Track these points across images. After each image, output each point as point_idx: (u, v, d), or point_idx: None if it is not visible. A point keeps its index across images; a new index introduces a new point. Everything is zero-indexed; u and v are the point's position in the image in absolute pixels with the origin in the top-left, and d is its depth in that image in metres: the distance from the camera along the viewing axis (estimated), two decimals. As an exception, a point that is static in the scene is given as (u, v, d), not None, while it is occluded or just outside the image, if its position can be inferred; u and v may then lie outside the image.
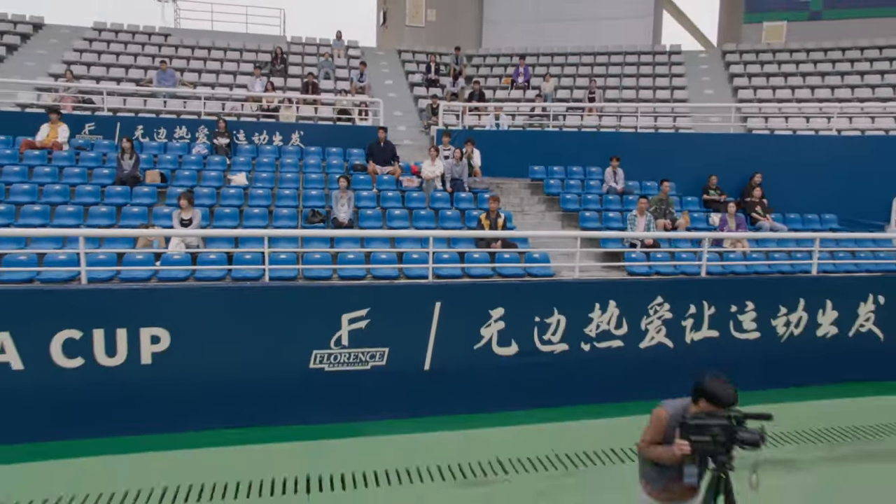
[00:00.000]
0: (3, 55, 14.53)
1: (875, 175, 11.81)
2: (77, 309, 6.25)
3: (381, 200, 9.82)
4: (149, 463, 5.53)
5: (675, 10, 23.53)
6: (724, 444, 3.15)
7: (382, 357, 6.93)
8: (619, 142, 12.49)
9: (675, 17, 23.70)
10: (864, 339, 8.69)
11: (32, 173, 9.47)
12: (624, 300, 7.60)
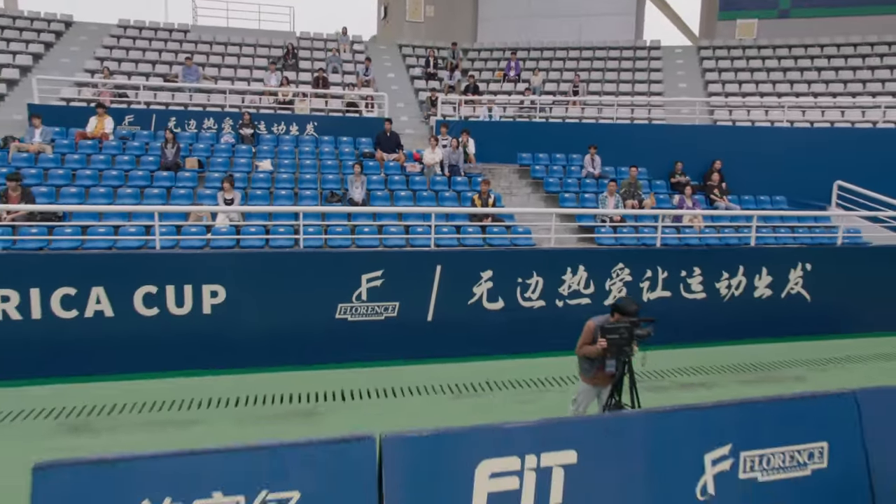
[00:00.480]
0: (41, 52, 16.00)
1: (821, 162, 13.50)
2: (153, 270, 7.89)
3: (389, 183, 11.47)
4: (212, 383, 7.26)
5: (662, 3, 25.03)
6: (627, 340, 4.87)
7: (394, 310, 8.62)
8: (597, 132, 14.15)
9: (661, 9, 25.21)
10: (794, 300, 10.41)
11: (90, 160, 11.07)
12: (591, 265, 9.29)
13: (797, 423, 4.74)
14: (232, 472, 3.60)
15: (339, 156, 12.63)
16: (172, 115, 13.49)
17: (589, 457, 4.17)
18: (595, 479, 4.18)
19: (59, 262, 7.64)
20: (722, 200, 12.58)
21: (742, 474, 4.54)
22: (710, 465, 4.45)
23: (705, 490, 4.43)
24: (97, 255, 7.90)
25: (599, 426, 4.36)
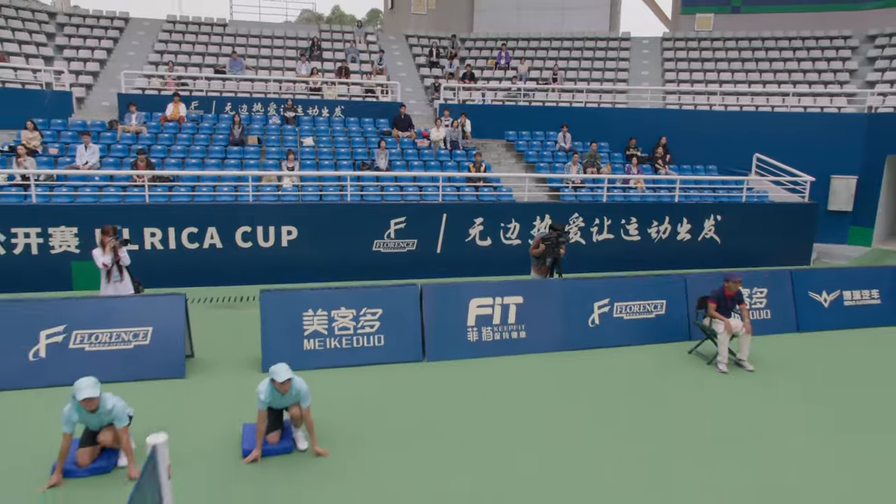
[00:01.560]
0: (111, 47, 19.34)
1: (747, 139, 17.05)
2: (247, 215, 11.51)
3: (405, 155, 15.04)
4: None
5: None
6: (557, 243, 8.57)
7: (414, 245, 12.27)
8: (569, 113, 17.71)
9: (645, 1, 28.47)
10: (708, 243, 14.09)
11: (176, 138, 14.61)
12: (554, 215, 12.92)
13: (648, 292, 8.48)
14: (349, 297, 7.35)
15: (364, 133, 16.17)
16: (227, 101, 16.95)
17: (530, 299, 7.92)
18: (532, 311, 7.94)
19: (185, 210, 11.28)
20: (664, 168, 16.19)
21: (614, 315, 8.30)
22: (596, 309, 8.20)
23: (594, 321, 8.19)
24: (209, 205, 11.53)
25: (536, 284, 8.10)
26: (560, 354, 7.91)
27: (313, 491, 4.81)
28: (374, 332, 7.48)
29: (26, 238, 10.64)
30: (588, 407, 6.44)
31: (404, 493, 4.81)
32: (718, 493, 4.91)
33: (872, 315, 9.48)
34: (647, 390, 6.92)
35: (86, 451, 4.94)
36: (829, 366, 7.84)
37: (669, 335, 8.53)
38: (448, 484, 4.96)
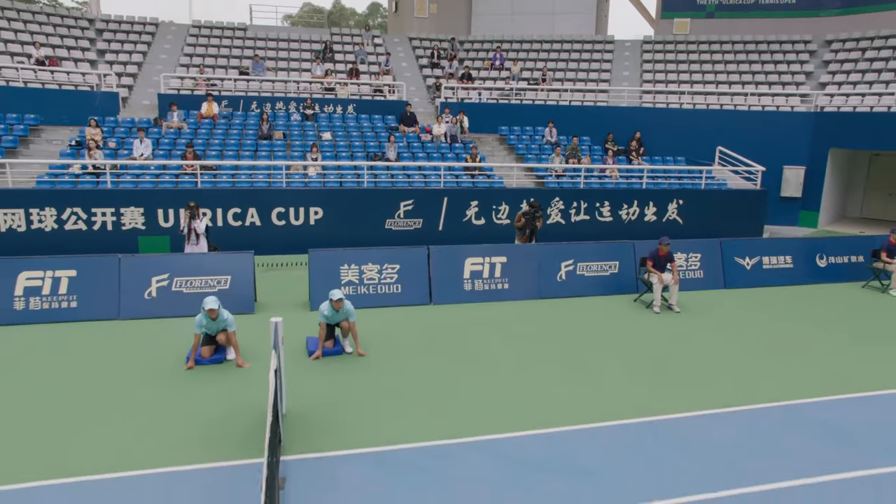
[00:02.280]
0: (145, 51, 21.70)
1: (711, 133, 19.47)
2: (281, 198, 13.95)
3: (410, 148, 17.48)
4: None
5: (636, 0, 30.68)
6: (534, 217, 11.05)
7: (420, 223, 14.72)
8: (556, 111, 20.14)
9: (634, 4, 30.84)
10: (672, 223, 16.54)
11: (213, 133, 17.03)
12: (538, 198, 15.34)
13: (605, 254, 10.97)
14: (375, 256, 9.84)
15: (374, 128, 18.59)
16: (253, 100, 19.34)
17: (511, 259, 10.42)
18: (513, 268, 10.44)
19: (229, 194, 13.72)
20: (637, 160, 18.64)
21: (577, 272, 10.80)
22: (563, 267, 10.71)
23: (561, 277, 10.69)
24: (249, 190, 13.97)
25: (517, 248, 10.61)
26: (534, 302, 10.41)
27: (357, 376, 7.30)
28: (394, 283, 9.97)
29: (103, 217, 13.09)
30: (553, 335, 8.93)
31: (417, 379, 7.29)
32: (649, 390, 7.41)
33: (786, 276, 11.99)
34: (599, 326, 9.41)
35: (207, 348, 7.43)
36: (740, 311, 10.34)
37: (620, 289, 11.03)
38: (447, 375, 7.44)
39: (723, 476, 5.32)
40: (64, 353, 7.71)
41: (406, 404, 6.53)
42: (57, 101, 17.58)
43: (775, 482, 5.27)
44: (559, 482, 5.15)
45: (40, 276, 8.76)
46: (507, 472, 5.27)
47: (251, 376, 7.13)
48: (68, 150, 15.33)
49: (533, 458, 5.50)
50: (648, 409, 6.56)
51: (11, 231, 12.61)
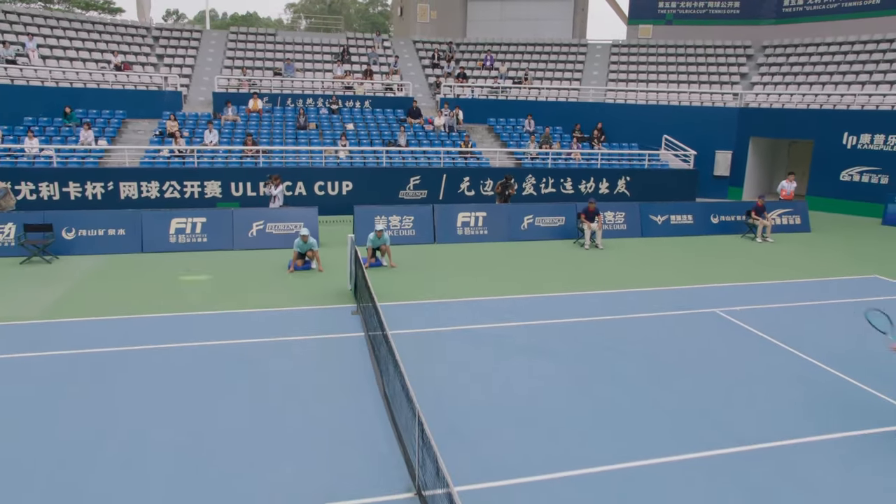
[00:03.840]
0: (195, 55, 26.51)
1: (660, 124, 24.40)
2: (321, 175, 18.90)
3: (417, 136, 22.42)
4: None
5: (615, 5, 35.46)
6: (507, 185, 16.08)
7: (425, 194, 19.71)
8: (535, 105, 25.06)
9: (615, 10, 35.64)
10: (621, 195, 21.53)
11: (260, 124, 21.95)
12: (516, 175, 20.33)
13: (555, 211, 16.01)
14: (397, 210, 14.90)
15: (387, 120, 23.50)
16: (287, 97, 24.24)
17: (490, 214, 15.50)
18: (491, 220, 15.51)
19: (282, 171, 18.67)
20: (598, 146, 23.59)
21: (535, 223, 15.86)
22: (525, 220, 15.77)
23: (524, 226, 15.75)
24: (296, 168, 18.91)
25: (495, 207, 15.67)
26: (505, 243, 15.44)
27: (393, 275, 12.30)
28: (410, 228, 14.99)
29: (192, 188, 18.05)
30: (517, 260, 13.95)
31: (429, 278, 12.32)
32: (571, 285, 12.47)
33: (688, 229, 17.03)
34: (549, 256, 14.42)
35: (300, 260, 12.46)
36: (644, 248, 15.35)
37: (565, 235, 16.07)
38: (447, 277, 12.47)
39: (610, 310, 10.38)
40: (203, 264, 12.74)
41: (422, 290, 11.57)
42: (135, 99, 22.47)
43: (624, 314, 10.34)
44: (512, 325, 10.21)
45: (184, 221, 13.80)
46: (487, 316, 10.32)
47: (325, 275, 12.15)
48: (156, 138, 20.25)
49: (499, 310, 10.55)
50: (570, 290, 11.61)
51: (128, 198, 17.59)
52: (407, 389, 5.61)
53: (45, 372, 7.58)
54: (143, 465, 5.65)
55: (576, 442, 6.27)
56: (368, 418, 6.68)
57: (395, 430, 6.39)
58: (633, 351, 8.73)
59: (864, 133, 20.99)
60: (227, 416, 6.60)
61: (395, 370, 6.39)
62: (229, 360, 8.04)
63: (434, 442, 4.61)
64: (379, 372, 7.72)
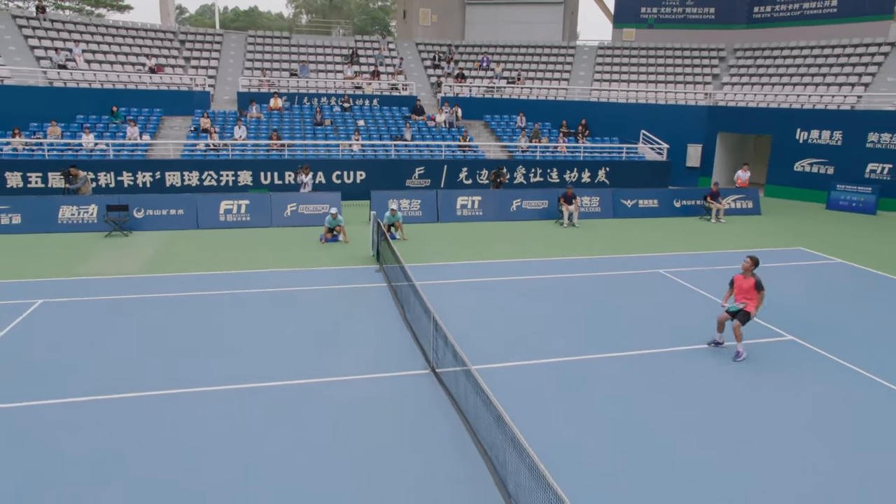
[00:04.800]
0: (218, 57, 29.43)
1: (638, 120, 27.45)
2: (338, 165, 21.96)
3: (420, 131, 25.46)
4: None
5: (605, 9, 38.45)
6: (499, 174, 19.14)
7: (429, 182, 22.76)
8: (526, 103, 28.10)
9: (605, 13, 38.59)
10: (601, 184, 24.60)
11: (281, 121, 24.98)
12: (508, 166, 23.39)
13: (540, 195, 19.09)
14: (407, 195, 17.99)
15: (394, 117, 26.52)
16: (304, 96, 27.24)
17: (484, 198, 18.63)
18: (486, 203, 18.63)
19: (309, 162, 21.72)
20: (582, 140, 26.64)
21: (523, 206, 18.96)
22: (514, 203, 18.86)
23: (513, 208, 18.84)
24: (317, 160, 21.95)
25: (489, 192, 18.78)
26: (497, 222, 18.52)
27: (403, 246, 15.36)
28: (417, 209, 18.07)
29: (227, 177, 21.08)
30: (505, 235, 17.03)
31: (435, 249, 15.40)
32: (544, 250, 15.58)
33: (654, 211, 20.12)
34: (533, 232, 17.50)
35: (330, 234, 15.54)
36: (612, 226, 18.42)
37: (548, 216, 19.15)
38: (449, 246, 15.56)
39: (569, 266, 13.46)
40: (249, 237, 15.81)
41: (431, 255, 14.64)
42: (170, 99, 25.45)
43: (570, 273, 13.43)
44: (503, 279, 13.30)
45: (232, 203, 16.88)
46: (484, 273, 13.41)
47: (350, 246, 15.22)
48: (192, 134, 23.27)
49: (493, 270, 13.64)
50: (548, 256, 14.70)
51: (172, 185, 20.63)
52: (423, 302, 8.69)
53: (157, 307, 10.67)
54: (240, 357, 8.77)
55: (544, 343, 9.39)
56: (394, 331, 9.79)
57: (415, 339, 9.49)
58: (595, 295, 11.84)
59: (814, 129, 24.06)
60: (294, 330, 9.71)
61: (414, 296, 9.48)
62: (287, 301, 11.14)
63: (445, 329, 7.70)
64: (400, 305, 10.82)
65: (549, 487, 4.50)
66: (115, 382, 7.81)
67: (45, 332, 9.39)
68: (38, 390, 7.52)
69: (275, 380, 7.98)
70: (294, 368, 8.31)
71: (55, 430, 6.64)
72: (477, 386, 6.33)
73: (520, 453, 5.15)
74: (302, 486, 5.78)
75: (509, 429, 5.33)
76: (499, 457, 5.89)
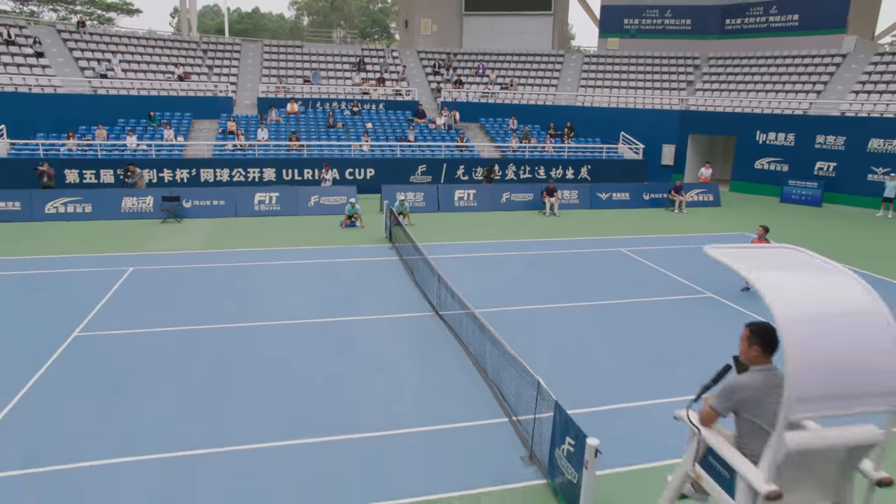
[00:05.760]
0: (238, 65, 32.66)
1: (618, 122, 30.71)
2: (352, 163, 25.19)
3: (423, 133, 28.71)
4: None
5: (587, 6, 41.70)
6: (491, 171, 22.41)
7: (430, 179, 26.01)
8: (518, 108, 31.38)
9: (594, 22, 41.82)
10: (583, 180, 27.86)
11: (299, 123, 28.22)
12: (500, 164, 26.64)
13: (526, 189, 22.37)
14: (412, 189, 21.28)
15: (399, 120, 29.76)
16: (317, 101, 30.48)
17: (478, 191, 21.94)
18: (479, 196, 21.92)
19: (320, 161, 24.97)
20: (567, 140, 29.90)
21: (512, 198, 22.26)
22: (504, 195, 22.16)
23: (503, 200, 22.13)
24: (332, 158, 25.20)
25: (483, 187, 22.05)
26: (489, 212, 21.79)
27: (412, 230, 18.65)
28: (421, 201, 21.33)
29: (253, 173, 24.31)
30: (495, 222, 20.29)
31: (438, 232, 18.67)
32: (529, 232, 18.87)
33: (625, 203, 23.40)
34: (519, 220, 20.75)
35: (349, 220, 18.80)
36: (588, 216, 21.67)
37: (533, 207, 22.41)
38: (448, 229, 18.82)
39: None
40: (281, 223, 19.06)
41: (435, 237, 17.89)
42: (197, 104, 28.69)
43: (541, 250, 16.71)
44: (495, 255, 16.57)
45: (265, 195, 20.14)
46: (479, 250, 16.67)
47: (366, 230, 18.45)
48: (220, 135, 26.50)
49: (486, 248, 16.91)
50: (532, 237, 17.97)
51: (206, 181, 23.86)
52: (429, 263, 11.93)
53: (220, 272, 13.92)
54: (290, 304, 12.04)
55: (522, 297, 12.66)
56: (406, 289, 13.06)
57: (423, 294, 12.73)
58: (565, 266, 15.12)
59: (772, 132, 27.36)
60: (327, 288, 12.98)
61: (423, 262, 12.73)
62: (319, 269, 14.39)
63: (447, 280, 10.95)
64: (410, 272, 14.06)
65: (514, 360, 7.72)
66: (206, 319, 11.06)
67: (144, 289, 12.63)
68: (158, 319, 10.78)
69: (317, 318, 11.22)
70: (330, 312, 11.55)
71: (170, 349, 9.90)
72: (470, 314, 9.59)
73: (493, 343, 8.38)
74: (344, 382, 9.02)
75: (487, 330, 8.58)
76: (479, 351, 9.15)
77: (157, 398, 8.09)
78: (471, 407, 8.08)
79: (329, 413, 7.83)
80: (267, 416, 7.70)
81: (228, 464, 6.71)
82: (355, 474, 6.57)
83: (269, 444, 7.10)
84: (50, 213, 18.90)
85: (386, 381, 8.78)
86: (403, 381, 8.80)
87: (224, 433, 7.27)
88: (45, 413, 7.63)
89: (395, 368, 9.18)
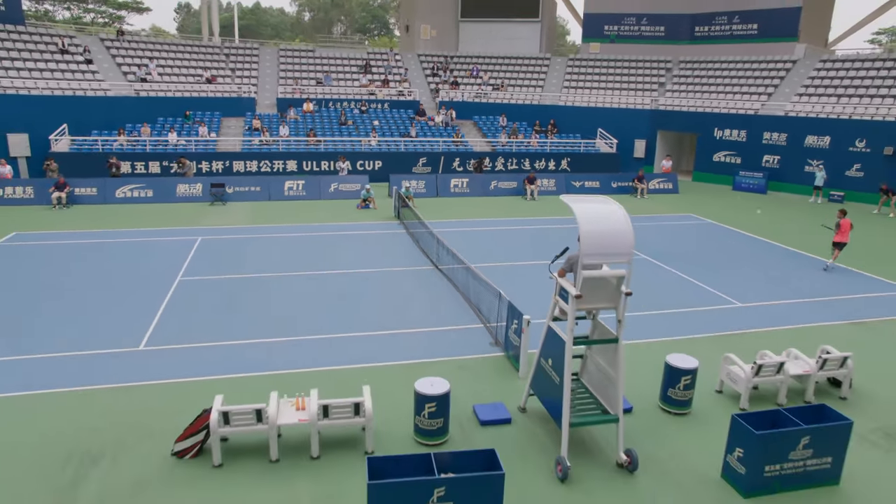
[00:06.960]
0: (257, 68, 36.89)
1: (596, 119, 35.06)
2: (360, 156, 29.54)
3: (423, 129, 33.04)
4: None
5: (574, 12, 45.96)
6: (480, 163, 26.81)
7: (430, 169, 30.36)
8: (508, 107, 35.73)
9: (574, 16, 46.04)
10: (563, 171, 32.22)
11: (314, 121, 32.55)
12: (491, 157, 30.99)
13: (510, 178, 26.77)
14: (415, 178, 25.70)
15: (402, 118, 34.07)
16: (329, 101, 34.79)
17: (471, 180, 26.33)
18: (472, 183, 26.33)
19: (335, 153, 29.32)
20: (551, 136, 34.24)
21: (499, 185, 26.68)
22: (492, 183, 26.56)
23: (492, 187, 26.53)
24: (345, 152, 29.54)
25: (475, 176, 26.45)
26: (480, 197, 26.16)
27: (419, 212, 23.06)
28: (423, 188, 25.71)
29: (278, 164, 28.63)
30: (486, 206, 24.67)
31: (438, 213, 23.08)
32: (507, 212, 23.28)
33: (595, 190, 27.80)
34: (505, 204, 25.12)
35: (363, 203, 23.20)
36: (565, 201, 26.05)
37: (517, 193, 26.79)
38: (447, 210, 23.22)
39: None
40: (307, 205, 23.43)
41: (434, 215, 22.25)
42: (225, 104, 32.98)
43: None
44: (485, 229, 20.97)
45: (293, 182, 24.52)
46: (473, 226, 21.07)
47: (378, 211, 22.81)
48: (247, 132, 30.82)
49: (478, 224, 21.30)
50: (516, 216, 22.35)
51: (237, 171, 28.20)
52: (429, 229, 16.32)
53: (267, 241, 18.31)
54: (322, 261, 16.47)
55: (501, 256, 17.07)
56: (410, 251, 17.47)
57: (425, 254, 17.12)
58: (535, 237, 19.52)
59: (727, 129, 31.74)
60: (349, 251, 17.39)
61: (425, 229, 17.12)
62: (341, 238, 18.77)
63: (444, 241, 15.35)
64: (415, 240, 18.45)
65: (486, 282, 12.08)
66: (265, 268, 15.46)
67: (215, 251, 17.00)
68: (233, 270, 15.16)
69: (341, 269, 15.62)
70: (353, 267, 15.93)
71: (244, 292, 14.31)
72: (461, 265, 13.99)
73: (473, 276, 12.76)
74: (367, 312, 13.45)
75: (470, 270, 12.96)
76: (465, 286, 13.56)
77: (251, 314, 12.55)
78: (458, 318, 12.53)
79: (363, 316, 12.29)
80: (320, 320, 12.16)
81: (301, 346, 11.18)
82: (377, 350, 11.01)
83: (325, 335, 11.53)
84: (119, 197, 23.27)
85: (400, 302, 13.22)
86: (412, 305, 13.23)
87: (296, 326, 11.74)
88: (180, 319, 12.08)
89: (406, 296, 13.60)
